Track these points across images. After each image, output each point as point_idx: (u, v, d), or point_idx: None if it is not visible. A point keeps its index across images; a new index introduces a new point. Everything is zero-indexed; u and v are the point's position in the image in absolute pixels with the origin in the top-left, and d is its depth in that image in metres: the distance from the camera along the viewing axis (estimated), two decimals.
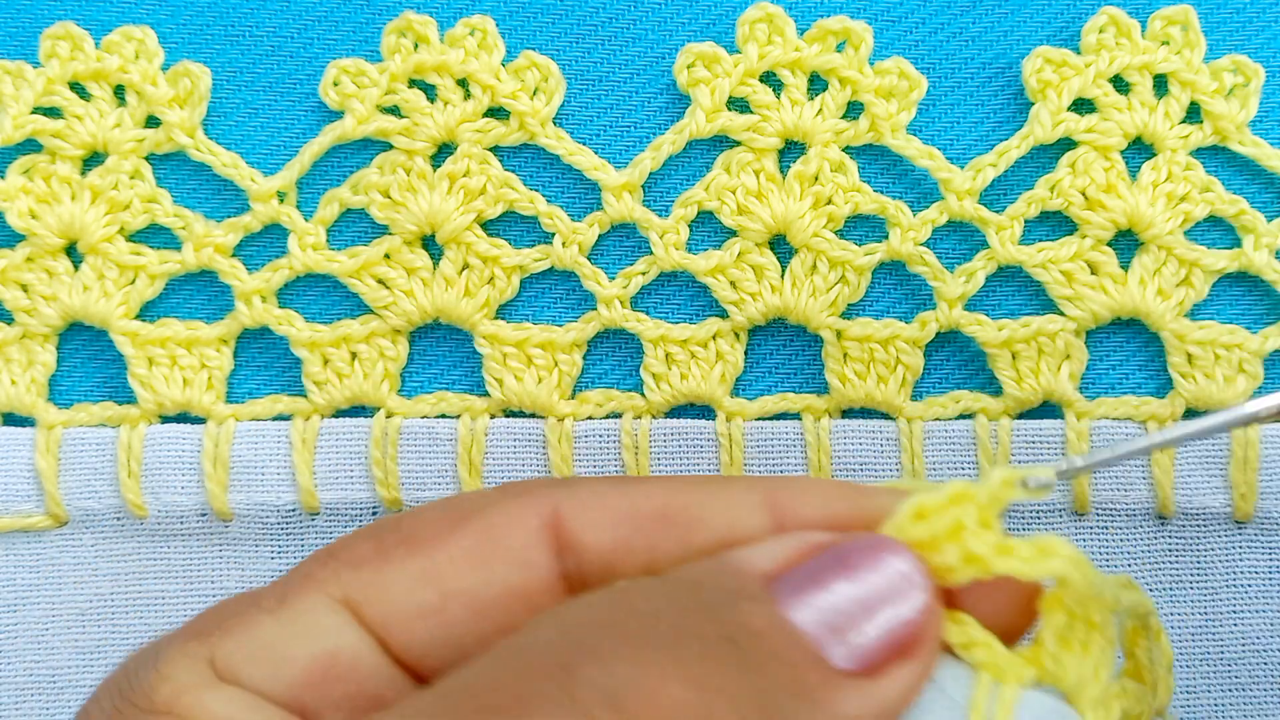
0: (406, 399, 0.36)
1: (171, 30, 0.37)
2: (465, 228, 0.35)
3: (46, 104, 0.37)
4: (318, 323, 0.36)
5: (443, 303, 0.36)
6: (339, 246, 0.36)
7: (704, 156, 0.36)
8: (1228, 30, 0.36)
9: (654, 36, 0.37)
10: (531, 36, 0.37)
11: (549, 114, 0.36)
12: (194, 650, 0.23)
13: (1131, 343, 0.35)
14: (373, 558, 0.25)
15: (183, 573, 0.36)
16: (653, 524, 0.25)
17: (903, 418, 0.35)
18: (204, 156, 0.36)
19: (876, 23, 0.36)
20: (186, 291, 0.37)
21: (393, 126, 0.36)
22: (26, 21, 0.37)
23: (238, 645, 0.23)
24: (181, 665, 0.23)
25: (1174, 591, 0.35)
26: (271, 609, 0.24)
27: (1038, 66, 0.35)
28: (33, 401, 0.36)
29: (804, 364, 0.36)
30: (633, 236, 0.36)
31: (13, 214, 0.36)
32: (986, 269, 0.35)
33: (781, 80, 0.35)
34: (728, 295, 0.35)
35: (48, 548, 0.36)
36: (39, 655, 0.36)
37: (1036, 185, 0.35)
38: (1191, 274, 0.35)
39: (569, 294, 0.36)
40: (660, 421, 0.35)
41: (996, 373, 0.35)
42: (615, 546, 0.25)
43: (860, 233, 0.36)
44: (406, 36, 0.36)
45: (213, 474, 0.35)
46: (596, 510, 0.25)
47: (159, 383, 0.36)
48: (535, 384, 0.35)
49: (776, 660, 0.21)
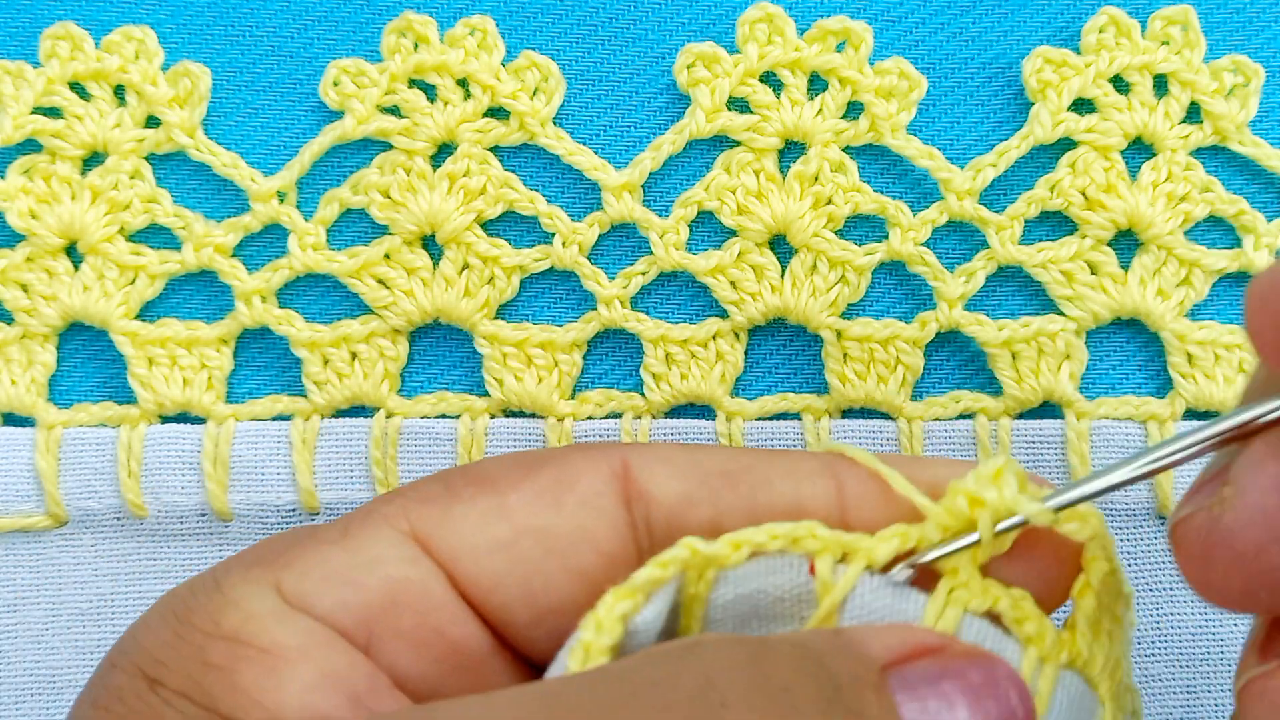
0: (406, 399, 0.36)
1: (171, 30, 0.37)
2: (465, 228, 0.35)
3: (46, 104, 0.37)
4: (318, 323, 0.36)
5: (443, 303, 0.36)
6: (339, 246, 0.36)
7: (704, 156, 0.36)
8: (1228, 30, 0.36)
9: (654, 36, 0.37)
10: (531, 36, 0.37)
11: (549, 114, 0.36)
12: (260, 576, 0.23)
13: (1131, 343, 0.35)
14: (442, 494, 0.25)
15: (183, 573, 0.36)
16: (719, 480, 0.25)
17: (903, 418, 0.35)
18: (204, 156, 0.36)
19: (876, 23, 0.36)
20: (186, 291, 0.37)
21: (393, 126, 0.36)
22: (26, 21, 0.37)
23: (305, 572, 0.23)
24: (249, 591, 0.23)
25: (1174, 591, 0.35)
26: (336, 540, 0.24)
27: (1038, 66, 0.35)
28: (33, 401, 0.36)
29: (804, 364, 0.36)
30: (633, 236, 0.36)
31: (13, 214, 0.36)
32: (986, 269, 0.35)
33: (781, 80, 0.35)
34: (728, 295, 0.35)
35: (48, 548, 0.36)
36: (39, 655, 0.36)
37: (1036, 185, 0.35)
38: (1191, 274, 0.35)
39: (569, 294, 0.36)
40: (660, 421, 0.35)
41: (996, 373, 0.35)
42: (682, 499, 0.25)
43: (860, 233, 0.36)
44: (406, 36, 0.36)
45: (213, 474, 0.35)
46: (665, 464, 0.25)
47: (159, 383, 0.36)
48: (535, 384, 0.35)
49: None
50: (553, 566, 0.24)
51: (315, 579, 0.23)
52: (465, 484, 0.25)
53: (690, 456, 0.26)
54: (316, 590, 0.23)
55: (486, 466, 0.25)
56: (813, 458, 0.26)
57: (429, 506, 0.24)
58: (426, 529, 0.24)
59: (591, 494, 0.25)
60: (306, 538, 0.24)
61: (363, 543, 0.24)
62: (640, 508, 0.25)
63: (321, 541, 0.24)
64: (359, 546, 0.24)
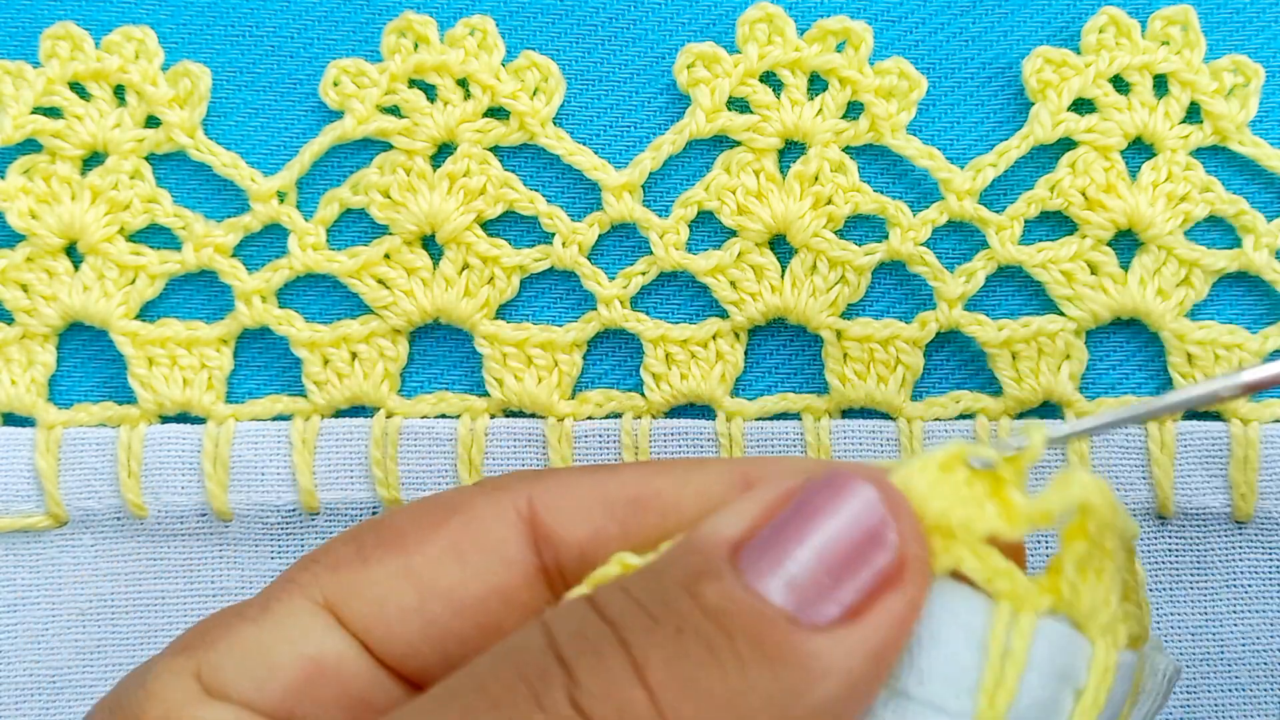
0: (406, 399, 0.36)
1: (171, 30, 0.37)
2: (465, 228, 0.35)
3: (46, 104, 0.37)
4: (318, 323, 0.36)
5: (443, 303, 0.36)
6: (339, 246, 0.36)
7: (704, 156, 0.36)
8: (1228, 30, 0.36)
9: (654, 36, 0.37)
10: (531, 36, 0.37)
11: (549, 114, 0.36)
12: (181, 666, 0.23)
13: (1131, 343, 0.35)
14: (353, 560, 0.24)
15: (183, 573, 0.36)
16: (628, 511, 0.25)
17: (903, 418, 0.35)
18: (204, 156, 0.36)
19: (876, 23, 0.36)
20: (186, 291, 0.37)
21: (393, 126, 0.36)
22: (26, 21, 0.37)
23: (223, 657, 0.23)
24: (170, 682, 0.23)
25: (1174, 591, 0.35)
26: (255, 617, 0.24)
27: (1038, 66, 0.35)
28: (33, 401, 0.36)
29: (804, 364, 0.36)
30: (633, 236, 0.36)
31: (13, 214, 0.36)
32: (986, 269, 0.35)
33: (781, 80, 0.35)
34: (728, 295, 0.35)
35: (48, 548, 0.36)
36: (39, 655, 0.36)
37: (1036, 185, 0.35)
38: (1191, 274, 0.35)
39: (569, 294, 0.36)
40: (660, 421, 0.35)
41: (996, 373, 0.35)
42: (592, 536, 0.24)
43: (860, 233, 0.36)
44: (406, 36, 0.36)
45: (213, 474, 0.35)
46: (571, 501, 0.25)
47: (159, 383, 0.36)
48: (535, 384, 0.35)
49: (741, 635, 0.20)
50: (464, 626, 0.24)
51: (234, 663, 0.23)
52: (375, 544, 0.25)
53: (598, 486, 0.25)
54: (235, 675, 0.23)
55: (397, 520, 0.25)
56: (726, 472, 0.25)
57: (340, 573, 0.24)
58: (338, 598, 0.24)
59: (497, 543, 0.24)
60: (231, 618, 0.24)
61: (280, 619, 0.24)
62: (549, 550, 0.25)
63: (243, 620, 0.24)
64: (276, 623, 0.24)
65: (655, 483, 0.25)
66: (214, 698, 0.23)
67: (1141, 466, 0.34)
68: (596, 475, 0.25)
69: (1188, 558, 0.35)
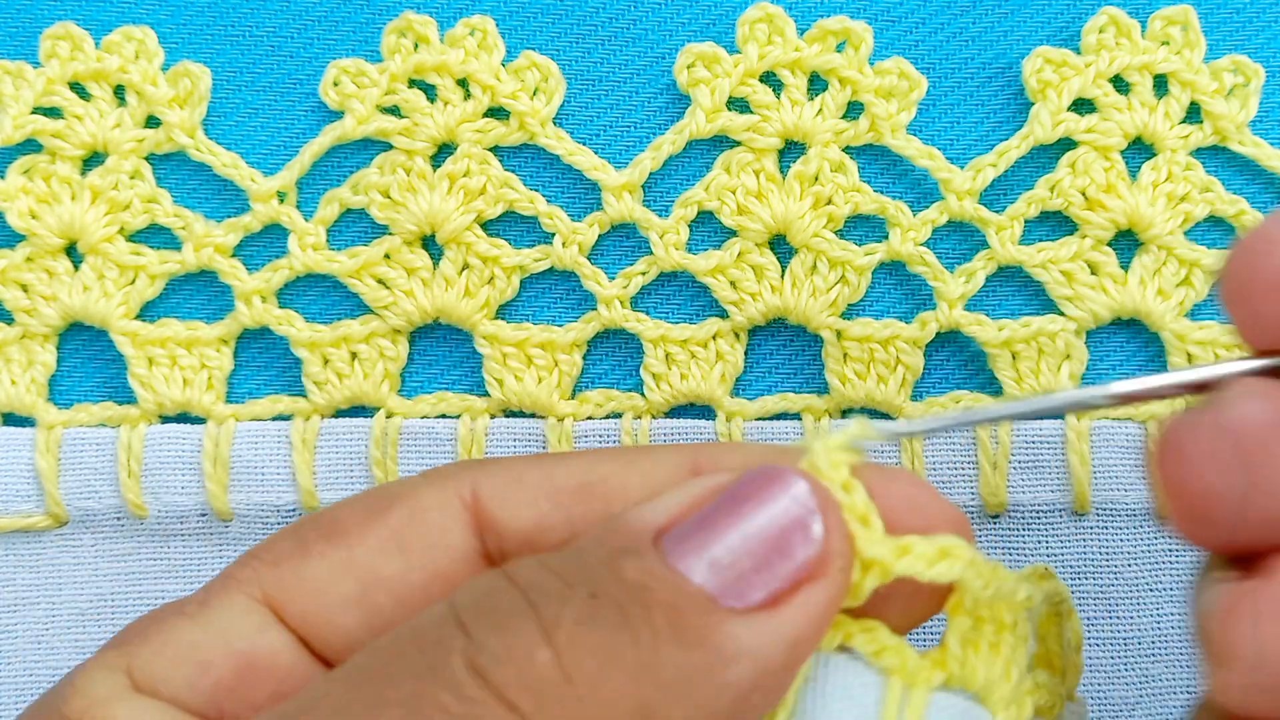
0: (406, 399, 0.36)
1: (171, 30, 0.37)
2: (465, 228, 0.35)
3: (46, 104, 0.37)
4: (318, 323, 0.36)
5: (443, 303, 0.36)
6: (339, 246, 0.36)
7: (704, 156, 0.36)
8: (1228, 30, 0.36)
9: (654, 36, 0.37)
10: (531, 36, 0.37)
11: (549, 114, 0.36)
12: (111, 661, 0.23)
13: (1132, 343, 0.35)
14: (293, 554, 0.24)
15: (183, 573, 0.36)
16: (572, 499, 0.24)
17: (903, 417, 0.35)
18: (204, 156, 0.36)
19: (876, 23, 0.36)
20: (186, 291, 0.37)
21: (393, 126, 0.36)
22: (26, 21, 0.37)
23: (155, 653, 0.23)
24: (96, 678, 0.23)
25: (1174, 591, 0.35)
26: (193, 614, 0.24)
27: (1038, 66, 0.35)
28: (33, 401, 0.36)
29: (804, 364, 0.36)
30: (633, 236, 0.36)
31: (13, 214, 0.36)
32: (986, 269, 0.35)
33: (781, 80, 0.35)
34: (728, 295, 0.35)
35: (48, 548, 0.36)
36: (39, 655, 0.36)
37: (1036, 185, 0.35)
38: (1191, 274, 0.35)
39: (569, 294, 0.36)
40: (660, 421, 0.35)
41: (996, 373, 0.35)
42: (536, 524, 0.24)
43: (860, 233, 0.36)
44: (406, 36, 0.36)
45: (213, 474, 0.35)
46: (515, 489, 0.24)
47: (159, 383, 0.36)
48: (535, 384, 0.35)
49: (658, 609, 0.20)
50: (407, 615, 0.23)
51: (166, 659, 0.23)
52: (316, 537, 0.24)
53: (543, 473, 0.25)
54: (166, 671, 0.23)
55: (338, 514, 0.25)
56: (675, 459, 0.25)
57: (280, 568, 0.24)
58: (278, 592, 0.24)
59: (440, 532, 0.24)
60: (169, 614, 0.24)
61: (216, 614, 0.24)
62: (493, 538, 0.24)
63: (181, 616, 0.24)
64: (212, 619, 0.24)
65: (601, 469, 0.25)
66: (143, 694, 0.23)
67: (1141, 466, 0.34)
68: (543, 463, 0.25)
69: (1187, 558, 0.35)
